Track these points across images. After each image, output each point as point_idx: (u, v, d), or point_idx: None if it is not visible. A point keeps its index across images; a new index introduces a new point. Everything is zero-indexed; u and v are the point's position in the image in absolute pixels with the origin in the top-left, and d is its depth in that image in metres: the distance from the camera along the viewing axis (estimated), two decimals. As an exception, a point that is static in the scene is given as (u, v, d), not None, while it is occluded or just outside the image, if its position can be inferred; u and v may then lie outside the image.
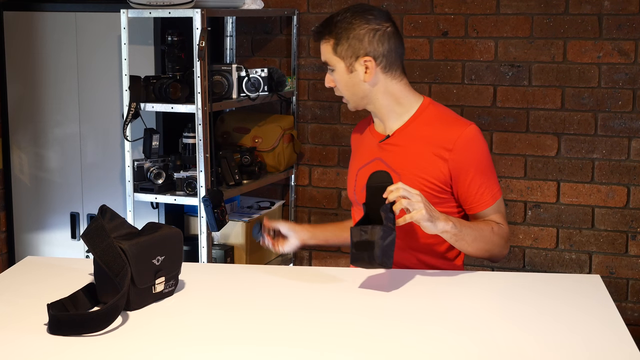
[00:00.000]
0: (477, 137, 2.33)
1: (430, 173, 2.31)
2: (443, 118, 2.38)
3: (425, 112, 2.38)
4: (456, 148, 2.30)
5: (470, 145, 2.32)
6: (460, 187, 2.32)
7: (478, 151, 2.34)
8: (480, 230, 2.27)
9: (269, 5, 3.87)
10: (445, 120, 2.37)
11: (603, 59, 3.51)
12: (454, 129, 2.33)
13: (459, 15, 3.66)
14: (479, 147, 2.34)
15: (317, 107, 3.93)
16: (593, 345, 1.76)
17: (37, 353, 1.72)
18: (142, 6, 3.28)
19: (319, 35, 2.36)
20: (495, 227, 2.31)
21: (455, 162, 2.30)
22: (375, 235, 2.03)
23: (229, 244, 3.69)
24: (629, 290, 3.62)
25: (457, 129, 2.32)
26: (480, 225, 2.29)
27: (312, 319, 1.91)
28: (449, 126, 2.34)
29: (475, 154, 2.33)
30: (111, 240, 1.89)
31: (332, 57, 2.34)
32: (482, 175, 2.33)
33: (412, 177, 2.30)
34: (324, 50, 2.35)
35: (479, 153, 2.34)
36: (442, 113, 2.40)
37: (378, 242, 2.02)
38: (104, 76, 3.61)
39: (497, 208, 2.36)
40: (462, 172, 2.30)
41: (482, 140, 2.35)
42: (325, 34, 2.34)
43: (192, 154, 3.39)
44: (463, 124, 2.34)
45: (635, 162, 3.53)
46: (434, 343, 1.77)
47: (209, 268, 2.66)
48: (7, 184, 3.80)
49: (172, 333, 1.82)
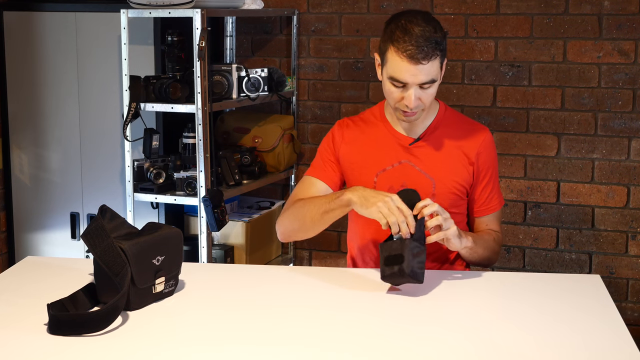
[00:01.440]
0: (494, 142, 2.44)
1: (461, 176, 2.38)
2: (463, 121, 2.47)
3: (446, 115, 2.43)
4: (481, 151, 2.39)
5: (492, 149, 2.43)
6: (476, 190, 2.41)
7: (495, 155, 2.45)
8: (487, 242, 2.36)
9: (269, 5, 3.87)
10: (466, 123, 2.45)
11: (603, 59, 3.51)
12: (477, 132, 2.41)
13: (459, 15, 3.66)
14: (496, 152, 2.45)
15: (317, 107, 3.93)
16: (593, 345, 1.76)
17: (37, 353, 1.72)
18: (142, 6, 3.28)
19: (432, 49, 2.19)
20: (496, 237, 2.42)
21: (479, 165, 2.39)
22: (406, 248, 2.02)
23: (229, 244, 3.69)
24: (629, 290, 3.62)
25: (481, 132, 2.42)
26: (485, 237, 2.37)
27: (312, 318, 1.91)
28: (472, 130, 2.42)
29: (494, 158, 2.44)
30: (111, 240, 1.89)
31: (438, 71, 2.24)
32: (495, 180, 2.44)
33: (447, 181, 2.35)
34: (432, 67, 2.20)
35: (496, 157, 2.45)
36: (459, 116, 2.49)
37: (408, 255, 2.01)
38: (104, 76, 3.60)
39: (499, 215, 2.47)
40: (482, 174, 2.42)
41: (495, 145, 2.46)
42: (436, 48, 2.20)
43: (192, 154, 3.39)
44: (483, 128, 2.43)
45: (635, 162, 3.53)
46: (433, 343, 1.77)
47: (209, 268, 2.66)
48: (7, 184, 3.80)
49: (172, 333, 1.82)
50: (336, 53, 3.85)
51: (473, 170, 2.38)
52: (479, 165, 2.38)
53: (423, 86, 2.22)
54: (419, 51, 2.17)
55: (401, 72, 2.20)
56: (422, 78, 2.20)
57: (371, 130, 2.44)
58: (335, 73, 3.87)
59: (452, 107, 3.69)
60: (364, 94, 3.82)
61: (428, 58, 2.18)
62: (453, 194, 2.36)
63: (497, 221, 2.45)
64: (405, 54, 2.18)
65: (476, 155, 2.38)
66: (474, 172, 2.38)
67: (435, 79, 2.23)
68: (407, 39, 2.18)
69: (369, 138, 2.43)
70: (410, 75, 2.19)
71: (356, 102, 3.85)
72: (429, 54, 2.17)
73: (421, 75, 2.19)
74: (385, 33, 2.26)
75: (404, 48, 2.18)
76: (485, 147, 2.40)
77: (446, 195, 2.35)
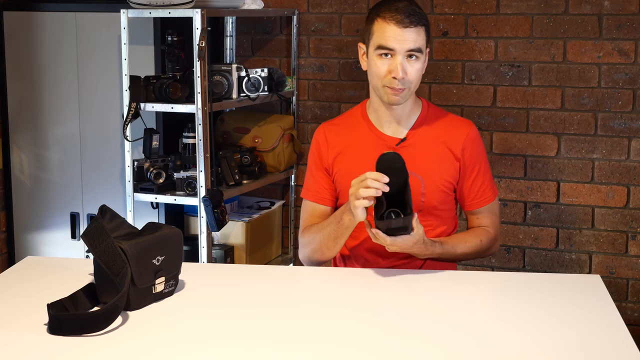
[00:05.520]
0: (480, 136, 2.46)
1: (448, 173, 2.40)
2: (446, 117, 2.47)
3: (430, 112, 2.43)
4: (467, 145, 2.41)
5: (478, 142, 2.44)
6: (465, 184, 2.41)
7: (482, 149, 2.46)
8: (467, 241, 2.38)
9: (269, 5, 3.87)
10: (449, 119, 2.47)
11: (603, 59, 3.51)
12: (461, 127, 2.43)
13: (459, 15, 3.66)
14: (482, 145, 2.47)
15: (317, 107, 3.93)
16: (593, 345, 1.76)
17: (37, 353, 1.71)
18: (142, 6, 3.28)
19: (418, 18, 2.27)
20: (484, 233, 2.43)
21: (465, 159, 2.41)
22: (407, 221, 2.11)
23: (229, 244, 3.69)
24: (629, 290, 3.62)
25: (464, 127, 2.43)
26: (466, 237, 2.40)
27: (312, 318, 1.91)
28: (455, 125, 2.44)
29: (481, 151, 2.45)
30: (111, 240, 1.89)
31: (424, 43, 2.30)
32: (485, 172, 2.45)
33: (435, 179, 2.36)
34: (419, 35, 2.27)
35: (483, 151, 2.46)
36: (442, 112, 2.49)
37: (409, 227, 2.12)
38: (104, 76, 3.60)
39: (492, 208, 2.45)
40: (469, 168, 2.41)
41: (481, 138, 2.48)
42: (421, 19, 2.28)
43: (192, 154, 3.39)
44: (467, 123, 2.45)
45: (635, 162, 3.53)
46: (433, 342, 1.77)
47: (209, 268, 2.66)
48: (7, 184, 3.80)
49: (172, 333, 1.82)
50: (336, 53, 3.85)
51: (460, 166, 2.39)
52: (464, 160, 2.39)
53: (409, 58, 2.27)
54: (405, 16, 2.26)
55: (388, 37, 2.26)
56: (409, 44, 2.26)
57: (355, 132, 2.45)
58: (335, 73, 3.87)
59: (452, 107, 3.69)
60: (364, 94, 3.82)
61: (414, 24, 2.26)
62: (442, 192, 2.38)
63: (490, 215, 2.45)
64: (392, 19, 2.26)
65: (461, 151, 2.39)
66: (461, 168, 2.40)
67: (421, 49, 2.28)
68: (393, 8, 2.28)
69: (354, 141, 2.44)
70: (398, 41, 2.26)
71: (356, 102, 3.82)
72: (415, 21, 2.26)
73: (408, 41, 2.26)
74: (368, 17, 2.35)
75: (391, 15, 2.27)
76: (471, 142, 2.40)
77: (435, 194, 2.37)
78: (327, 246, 2.34)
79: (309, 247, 2.40)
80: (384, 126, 2.41)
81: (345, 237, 2.31)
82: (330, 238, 2.31)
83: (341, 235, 2.29)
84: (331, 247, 2.33)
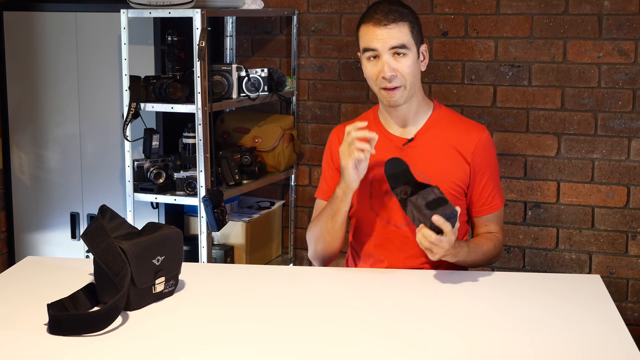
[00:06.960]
0: (492, 141, 2.45)
1: (457, 176, 2.38)
2: (458, 120, 2.46)
3: (441, 115, 2.43)
4: (477, 150, 2.39)
5: (490, 148, 2.42)
6: (475, 189, 2.39)
7: (494, 155, 2.44)
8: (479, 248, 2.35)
9: (269, 5, 3.87)
10: (462, 122, 2.46)
11: (603, 59, 3.51)
12: (473, 131, 2.42)
13: (459, 15, 3.66)
14: (494, 151, 2.45)
15: (317, 107, 3.93)
16: (593, 345, 1.76)
17: (37, 353, 1.72)
18: (142, 6, 3.28)
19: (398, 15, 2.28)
20: (495, 239, 2.41)
21: (476, 164, 2.38)
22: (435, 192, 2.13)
23: (229, 244, 3.69)
24: (629, 290, 3.62)
25: (477, 132, 2.42)
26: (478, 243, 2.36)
27: (312, 318, 1.91)
28: (468, 129, 2.42)
29: (493, 157, 2.43)
30: (111, 240, 1.89)
31: (410, 39, 2.30)
32: (495, 179, 2.44)
33: (442, 180, 2.34)
34: (401, 32, 2.28)
35: (494, 157, 2.45)
36: (455, 115, 2.49)
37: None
38: (104, 76, 3.61)
39: (500, 215, 2.45)
40: (479, 173, 2.39)
41: (494, 144, 2.47)
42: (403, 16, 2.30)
43: (192, 154, 3.39)
44: (480, 127, 2.44)
45: (635, 162, 3.53)
46: (433, 342, 1.78)
47: (209, 268, 2.66)
48: (7, 184, 3.80)
49: (172, 333, 1.82)
50: (336, 53, 3.85)
51: (470, 170, 2.38)
52: (475, 164, 2.38)
53: (396, 55, 2.28)
54: (383, 15, 2.28)
55: (370, 39, 2.29)
56: (391, 42, 2.27)
57: None
58: (335, 73, 3.87)
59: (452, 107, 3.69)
60: (364, 94, 3.82)
61: (395, 21, 2.27)
62: (451, 196, 2.35)
63: (497, 221, 2.44)
64: (371, 20, 2.29)
65: (472, 155, 2.37)
66: (471, 172, 2.38)
67: (405, 45, 2.28)
68: (372, 10, 2.32)
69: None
70: (379, 40, 2.27)
71: (356, 102, 3.85)
72: (394, 18, 2.27)
73: (389, 39, 2.27)
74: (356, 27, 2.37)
75: (369, 17, 2.30)
76: (482, 147, 2.39)
77: None
78: (326, 229, 2.33)
79: (312, 237, 2.41)
80: (392, 127, 2.42)
81: (342, 214, 2.30)
82: (328, 218, 2.32)
83: (337, 211, 2.29)
84: (330, 229, 2.32)
